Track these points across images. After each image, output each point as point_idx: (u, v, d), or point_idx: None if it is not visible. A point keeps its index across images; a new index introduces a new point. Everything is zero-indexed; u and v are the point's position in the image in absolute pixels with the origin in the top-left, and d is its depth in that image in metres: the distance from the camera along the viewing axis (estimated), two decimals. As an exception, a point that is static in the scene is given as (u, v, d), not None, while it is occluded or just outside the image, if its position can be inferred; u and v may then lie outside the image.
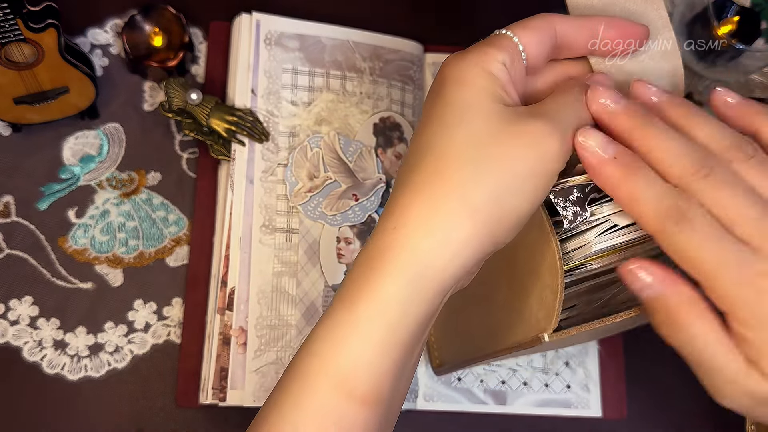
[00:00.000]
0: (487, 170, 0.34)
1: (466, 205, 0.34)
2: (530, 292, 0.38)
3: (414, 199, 0.34)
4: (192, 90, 0.54)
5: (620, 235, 0.37)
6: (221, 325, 0.52)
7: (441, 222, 0.34)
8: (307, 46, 0.57)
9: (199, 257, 0.55)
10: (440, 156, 0.35)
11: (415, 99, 0.59)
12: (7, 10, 0.48)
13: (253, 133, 0.54)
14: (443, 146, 0.35)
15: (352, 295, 0.34)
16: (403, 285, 0.34)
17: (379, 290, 0.34)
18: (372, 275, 0.34)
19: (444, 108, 0.36)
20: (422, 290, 0.34)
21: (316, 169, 0.55)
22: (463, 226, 0.34)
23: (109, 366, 0.54)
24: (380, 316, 0.34)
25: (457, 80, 0.36)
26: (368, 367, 0.34)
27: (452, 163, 0.34)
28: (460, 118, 0.35)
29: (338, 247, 0.54)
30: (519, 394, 0.56)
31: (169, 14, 0.57)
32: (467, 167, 0.34)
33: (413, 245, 0.34)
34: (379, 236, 0.35)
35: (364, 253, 0.35)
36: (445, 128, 0.35)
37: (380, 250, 0.34)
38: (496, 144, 0.34)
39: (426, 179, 0.34)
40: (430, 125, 0.36)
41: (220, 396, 0.50)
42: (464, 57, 0.37)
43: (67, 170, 0.56)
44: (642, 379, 0.59)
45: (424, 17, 0.63)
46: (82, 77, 0.54)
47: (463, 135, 0.35)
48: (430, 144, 0.35)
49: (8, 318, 0.54)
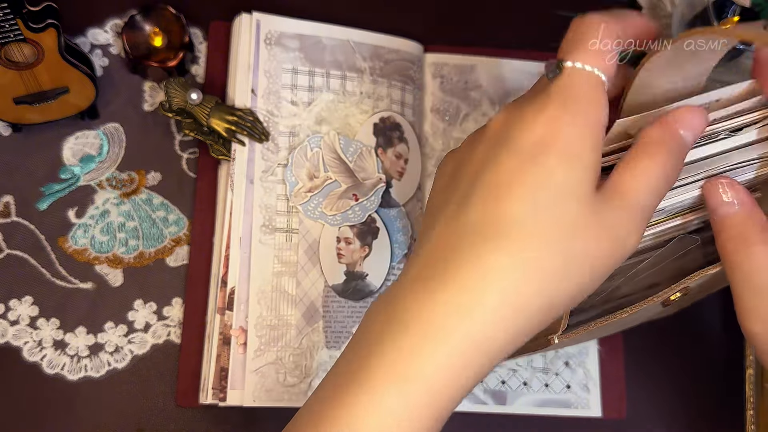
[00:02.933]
0: (575, 268, 0.32)
1: (546, 302, 0.32)
2: None
3: (492, 284, 0.31)
4: (192, 90, 0.54)
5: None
6: (221, 325, 0.52)
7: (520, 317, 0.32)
8: (307, 46, 0.57)
9: (199, 257, 0.55)
10: (527, 237, 0.32)
11: (415, 99, 0.59)
12: (7, 10, 0.48)
13: (253, 133, 0.54)
14: (531, 227, 0.32)
15: (402, 372, 0.31)
16: (462, 378, 0.32)
17: (435, 379, 0.31)
18: (426, 358, 0.31)
19: (538, 181, 0.32)
20: (476, 380, 0.33)
21: (316, 169, 0.55)
22: (536, 322, 0.32)
23: (109, 366, 0.54)
24: (433, 405, 0.32)
25: (564, 152, 0.32)
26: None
27: (540, 252, 0.32)
28: (556, 199, 0.32)
29: (338, 247, 0.54)
30: (519, 394, 0.56)
31: (169, 14, 0.57)
32: (557, 259, 0.32)
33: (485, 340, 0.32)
34: (441, 312, 0.31)
35: (416, 320, 0.32)
36: (535, 206, 0.32)
37: (443, 332, 0.31)
38: (587, 237, 0.32)
39: (508, 263, 0.31)
40: (519, 198, 0.32)
41: (220, 396, 0.50)
42: (577, 123, 0.33)
43: (67, 170, 0.56)
44: (642, 379, 0.59)
45: (424, 17, 0.63)
46: (82, 77, 0.54)
47: (557, 220, 0.32)
48: (514, 220, 0.32)
49: (8, 318, 0.54)
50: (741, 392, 0.59)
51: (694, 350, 0.60)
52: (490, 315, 0.31)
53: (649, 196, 0.34)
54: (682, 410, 0.59)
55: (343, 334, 0.53)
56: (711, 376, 0.60)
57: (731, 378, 0.59)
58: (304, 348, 0.52)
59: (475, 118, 0.61)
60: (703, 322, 0.60)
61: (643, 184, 0.33)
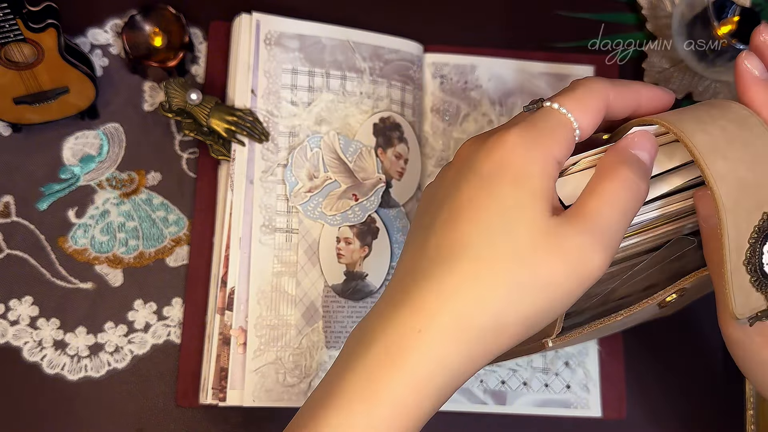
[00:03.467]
0: (524, 290, 0.33)
1: (498, 323, 0.33)
2: None
3: (445, 305, 0.33)
4: (192, 90, 0.54)
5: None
6: (221, 325, 0.52)
7: (472, 337, 0.33)
8: (307, 46, 0.57)
9: (198, 257, 0.55)
10: (478, 260, 0.33)
11: (415, 99, 0.59)
12: (7, 10, 0.48)
13: (253, 133, 0.54)
14: (483, 251, 0.33)
15: (366, 390, 0.33)
16: (423, 397, 0.33)
17: (396, 396, 0.32)
18: (388, 376, 0.33)
19: (491, 205, 0.33)
20: (439, 398, 0.34)
21: (316, 169, 0.55)
22: (489, 343, 0.33)
23: (109, 366, 0.54)
24: (397, 422, 0.33)
25: (516, 177, 0.33)
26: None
27: (490, 276, 0.33)
28: (507, 223, 0.33)
29: (338, 247, 0.54)
30: (519, 394, 0.56)
31: (169, 14, 0.57)
32: (506, 283, 0.33)
33: (442, 358, 0.33)
34: (400, 332, 0.33)
35: (377, 341, 0.33)
36: (488, 233, 0.33)
37: (402, 350, 0.33)
38: (537, 263, 0.33)
39: (460, 286, 0.33)
40: (472, 222, 0.34)
41: (220, 396, 0.50)
42: (527, 148, 0.34)
43: (67, 170, 0.56)
44: (642, 379, 0.59)
45: (424, 17, 0.63)
46: (82, 77, 0.54)
47: (507, 244, 0.33)
48: (469, 245, 0.33)
49: (8, 318, 0.54)
50: (741, 392, 0.59)
51: (693, 350, 0.60)
52: (443, 335, 0.32)
53: (614, 216, 0.34)
54: (682, 410, 0.59)
55: (342, 334, 0.53)
56: (710, 376, 0.60)
57: (731, 378, 0.59)
58: (304, 348, 0.52)
59: (475, 118, 0.61)
60: (703, 322, 0.60)
61: (606, 204, 0.34)
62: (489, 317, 0.33)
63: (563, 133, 0.35)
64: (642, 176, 0.35)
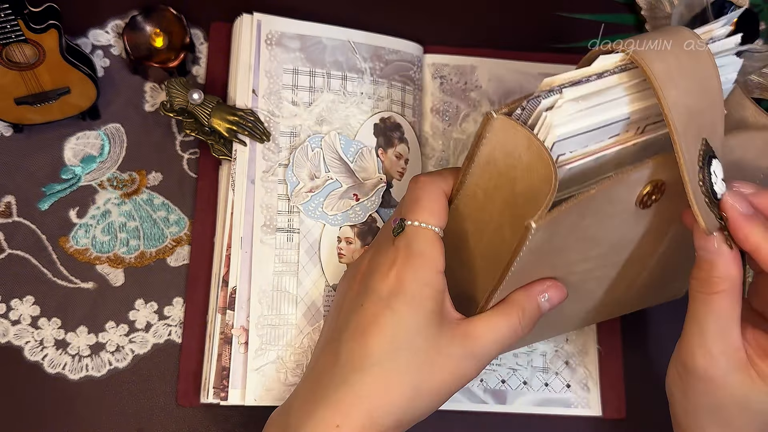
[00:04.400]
0: (421, 398, 0.41)
1: (398, 421, 0.41)
2: (526, 211, 0.38)
3: (359, 406, 0.40)
4: (194, 90, 0.54)
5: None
6: (222, 325, 0.52)
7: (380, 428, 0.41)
8: (308, 46, 0.57)
9: (199, 257, 0.55)
10: (387, 374, 0.41)
11: (415, 99, 0.60)
12: (8, 10, 0.48)
13: (254, 133, 0.54)
14: (391, 366, 0.41)
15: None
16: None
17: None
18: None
19: (394, 328, 0.41)
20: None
21: (317, 169, 0.55)
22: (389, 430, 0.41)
23: (110, 365, 0.54)
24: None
25: (411, 301, 0.41)
26: None
27: (396, 386, 0.41)
28: (407, 342, 0.41)
29: (339, 246, 0.54)
30: (519, 394, 0.56)
31: (170, 15, 0.57)
32: (408, 392, 0.41)
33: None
34: (320, 423, 0.40)
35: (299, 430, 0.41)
36: (394, 348, 0.41)
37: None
38: (433, 374, 0.41)
39: (372, 391, 0.41)
40: (380, 337, 0.41)
41: (222, 395, 0.50)
42: (417, 275, 0.42)
43: (68, 170, 0.56)
44: (642, 379, 0.59)
45: (424, 18, 0.63)
46: (83, 78, 0.54)
47: (408, 360, 0.41)
48: (379, 357, 0.41)
49: (9, 318, 0.54)
50: (740, 391, 0.59)
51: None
52: (354, 428, 0.40)
53: (495, 346, 0.43)
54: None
55: (343, 333, 0.53)
56: (710, 376, 0.60)
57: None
58: (305, 347, 0.52)
59: (474, 118, 0.61)
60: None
61: (491, 337, 0.42)
62: (393, 417, 0.41)
63: (434, 247, 0.42)
64: (529, 324, 0.44)
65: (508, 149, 0.38)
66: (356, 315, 0.42)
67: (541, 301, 0.44)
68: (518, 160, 0.38)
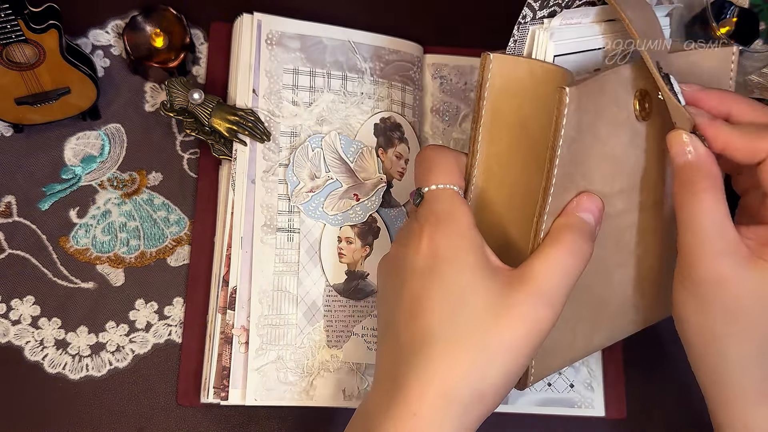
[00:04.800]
0: (494, 359, 0.37)
1: (477, 391, 0.38)
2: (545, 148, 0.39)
3: (430, 387, 0.37)
4: (194, 90, 0.54)
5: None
6: (222, 325, 0.52)
7: (458, 409, 0.37)
8: (309, 46, 0.57)
9: (200, 257, 0.55)
10: (450, 343, 0.38)
11: (416, 99, 0.60)
12: (8, 10, 0.48)
13: (254, 132, 0.54)
14: (451, 334, 0.38)
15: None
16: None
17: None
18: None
19: (444, 292, 0.38)
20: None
21: (317, 168, 0.55)
22: (474, 411, 0.38)
23: (111, 365, 0.54)
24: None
25: (451, 261, 0.39)
26: None
27: (462, 353, 0.37)
28: (462, 302, 0.38)
29: (339, 246, 0.54)
30: (521, 393, 0.56)
31: (170, 15, 0.57)
32: (477, 356, 0.37)
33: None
34: (396, 418, 0.38)
35: (379, 428, 0.38)
36: (449, 313, 0.38)
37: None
38: (497, 327, 0.37)
39: (439, 367, 0.37)
40: (431, 309, 0.38)
41: (222, 395, 0.50)
42: (448, 233, 0.40)
43: (68, 170, 0.56)
44: (642, 379, 0.59)
45: (424, 18, 0.63)
46: (83, 78, 0.54)
47: (467, 321, 0.38)
48: (435, 329, 0.38)
49: (10, 318, 0.54)
50: (740, 391, 0.59)
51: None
52: (435, 413, 0.37)
53: (560, 278, 0.39)
54: (682, 410, 0.59)
55: (344, 333, 0.53)
56: (710, 376, 0.60)
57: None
58: (306, 347, 0.52)
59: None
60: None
61: (552, 268, 0.39)
62: (469, 389, 0.37)
63: (455, 204, 0.41)
64: (585, 239, 0.40)
65: (511, 89, 0.40)
66: (402, 299, 0.40)
67: (582, 215, 0.41)
68: (524, 97, 0.39)
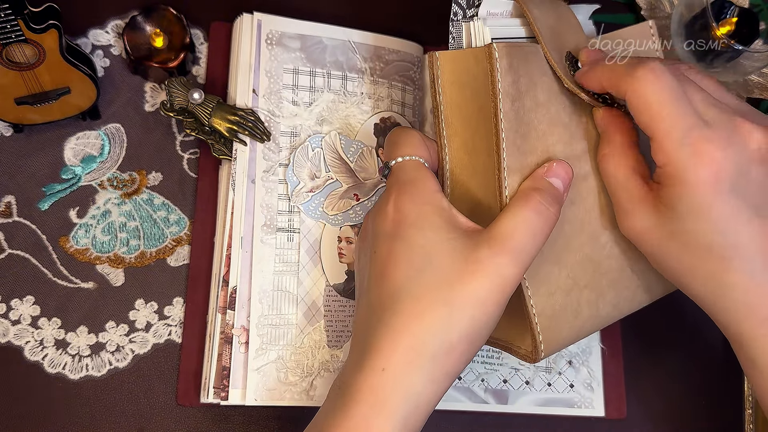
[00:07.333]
0: (460, 310, 0.38)
1: (445, 343, 0.38)
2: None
3: (399, 342, 0.38)
4: (194, 89, 0.54)
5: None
6: (222, 325, 0.52)
7: (426, 362, 0.38)
8: (309, 46, 0.57)
9: (200, 257, 0.55)
10: (416, 299, 0.39)
11: (415, 99, 0.60)
12: (8, 10, 0.48)
13: (254, 132, 0.54)
14: (417, 290, 0.39)
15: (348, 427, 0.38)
16: (398, 427, 0.38)
17: (374, 428, 0.38)
18: (366, 415, 0.38)
19: (409, 252, 0.40)
20: (411, 428, 0.39)
21: (318, 168, 0.55)
22: (443, 363, 0.39)
23: (111, 365, 0.54)
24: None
25: (416, 224, 0.41)
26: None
27: (428, 306, 0.39)
28: (427, 261, 0.39)
29: (339, 246, 0.54)
30: (521, 394, 0.56)
31: (170, 15, 0.57)
32: (443, 309, 0.38)
33: (406, 388, 0.38)
34: (366, 374, 0.39)
35: (350, 386, 0.39)
36: (415, 272, 0.40)
37: (372, 390, 0.38)
38: (461, 283, 0.39)
39: (406, 322, 0.39)
40: (398, 269, 0.40)
41: (222, 395, 0.50)
42: (413, 198, 0.42)
43: (68, 170, 0.56)
44: (642, 379, 0.59)
45: (424, 18, 0.63)
46: (83, 78, 0.54)
47: (433, 277, 0.39)
48: (403, 287, 0.40)
49: (10, 318, 0.54)
50: (739, 392, 0.59)
51: (693, 350, 0.60)
52: (403, 366, 0.38)
53: (523, 235, 0.39)
54: (682, 410, 0.59)
55: (344, 333, 0.53)
56: (709, 376, 0.60)
57: (730, 378, 0.60)
58: (306, 347, 0.52)
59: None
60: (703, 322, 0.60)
61: (516, 225, 0.40)
62: (437, 340, 0.38)
63: (421, 172, 0.43)
64: (552, 202, 0.41)
65: (462, 80, 0.44)
66: (373, 265, 0.42)
67: (551, 180, 0.42)
68: (477, 85, 0.43)
